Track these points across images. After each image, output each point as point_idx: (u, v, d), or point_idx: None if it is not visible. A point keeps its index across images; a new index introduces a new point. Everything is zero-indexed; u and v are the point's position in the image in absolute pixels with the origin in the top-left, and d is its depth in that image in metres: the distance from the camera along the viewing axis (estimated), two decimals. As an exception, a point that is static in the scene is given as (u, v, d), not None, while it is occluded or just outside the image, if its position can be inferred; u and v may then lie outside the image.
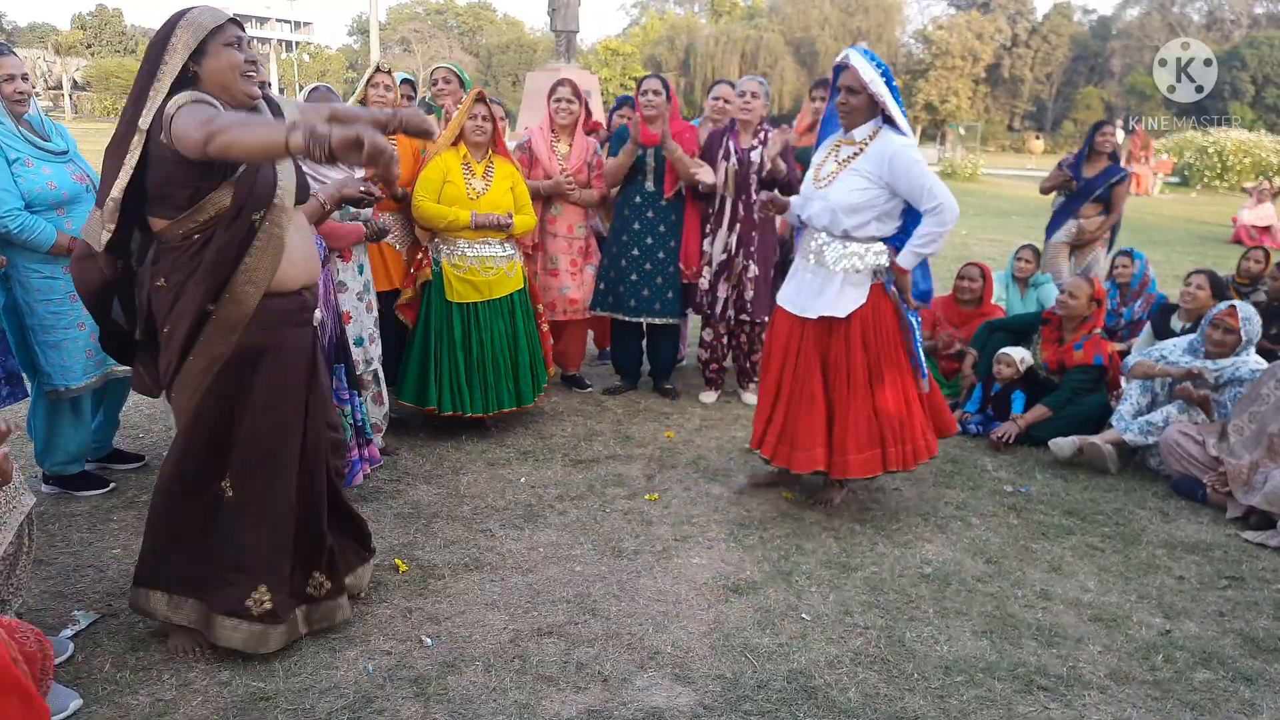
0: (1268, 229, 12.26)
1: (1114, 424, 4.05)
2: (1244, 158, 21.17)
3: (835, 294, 3.19)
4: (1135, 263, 5.32)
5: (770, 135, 4.30)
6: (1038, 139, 38.26)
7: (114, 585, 2.71)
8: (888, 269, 3.20)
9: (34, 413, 3.25)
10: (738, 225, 4.42)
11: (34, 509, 2.19)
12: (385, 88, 3.77)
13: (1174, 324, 4.63)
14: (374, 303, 3.67)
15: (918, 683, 2.39)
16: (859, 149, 3.16)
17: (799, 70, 40.44)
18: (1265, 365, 3.85)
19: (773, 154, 4.24)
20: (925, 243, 3.10)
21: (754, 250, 4.43)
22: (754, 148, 4.37)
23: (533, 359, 4.15)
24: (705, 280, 4.51)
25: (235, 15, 2.24)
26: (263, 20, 64.93)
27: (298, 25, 67.09)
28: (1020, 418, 4.24)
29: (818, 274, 3.26)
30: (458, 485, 3.57)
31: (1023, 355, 4.44)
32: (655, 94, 4.39)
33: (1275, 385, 3.63)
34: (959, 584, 2.93)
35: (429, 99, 4.74)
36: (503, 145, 4.00)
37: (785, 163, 4.31)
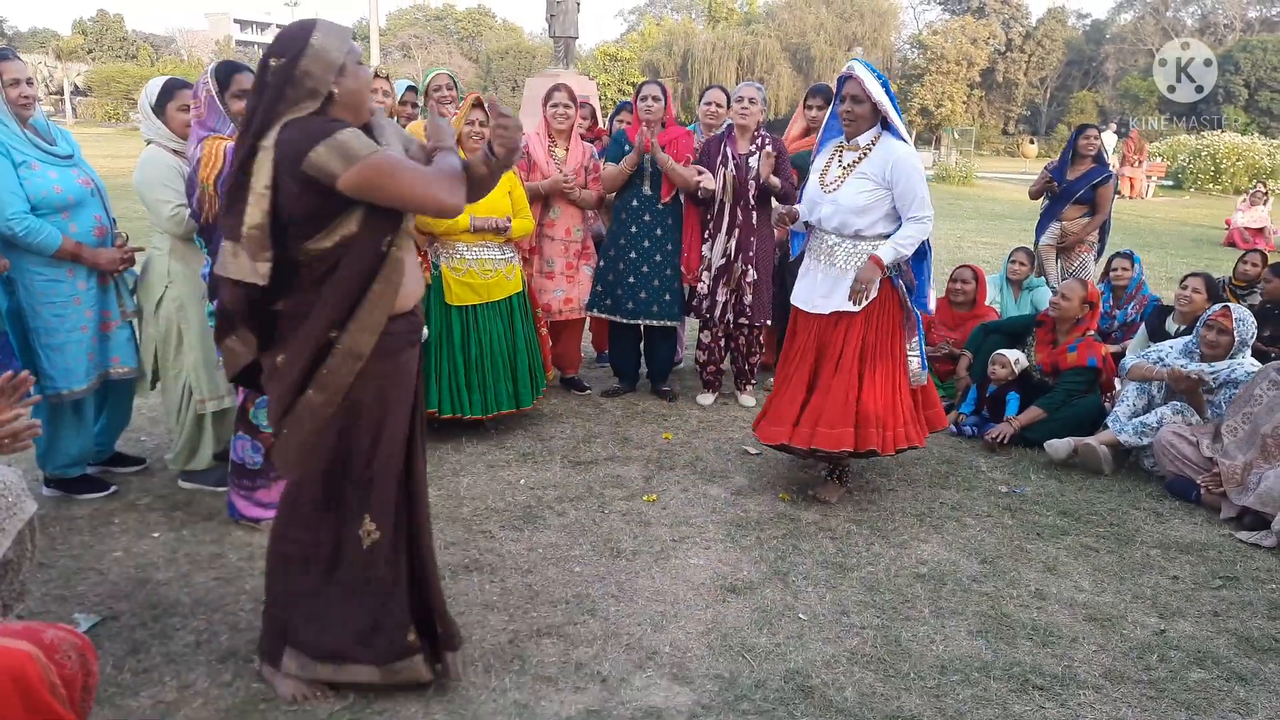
0: (1260, 231, 12.33)
1: (1109, 425, 4.07)
2: (1237, 161, 21.23)
3: (848, 290, 3.36)
4: (1135, 267, 5.34)
5: (759, 158, 4.33)
6: (1032, 143, 38.35)
7: (115, 588, 2.72)
8: (894, 265, 3.36)
9: (35, 416, 3.24)
10: (736, 230, 4.45)
11: (35, 514, 2.20)
12: (384, 93, 3.79)
13: (1169, 326, 4.65)
14: None
15: (914, 682, 2.41)
16: (863, 154, 3.35)
17: (795, 76, 40.48)
18: (1259, 365, 3.88)
19: (766, 176, 4.31)
20: (905, 244, 3.30)
21: (753, 255, 4.46)
22: (751, 153, 4.40)
23: (531, 362, 4.17)
24: (704, 284, 4.54)
25: (236, 19, 2.17)
26: (263, 26, 64.83)
27: (296, 30, 67.01)
28: (1015, 419, 4.26)
29: (829, 273, 3.43)
30: (457, 487, 3.59)
31: (1017, 357, 4.46)
32: (655, 100, 4.43)
33: (1269, 386, 3.66)
34: (954, 584, 2.95)
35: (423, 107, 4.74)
36: None
37: (781, 174, 4.38)
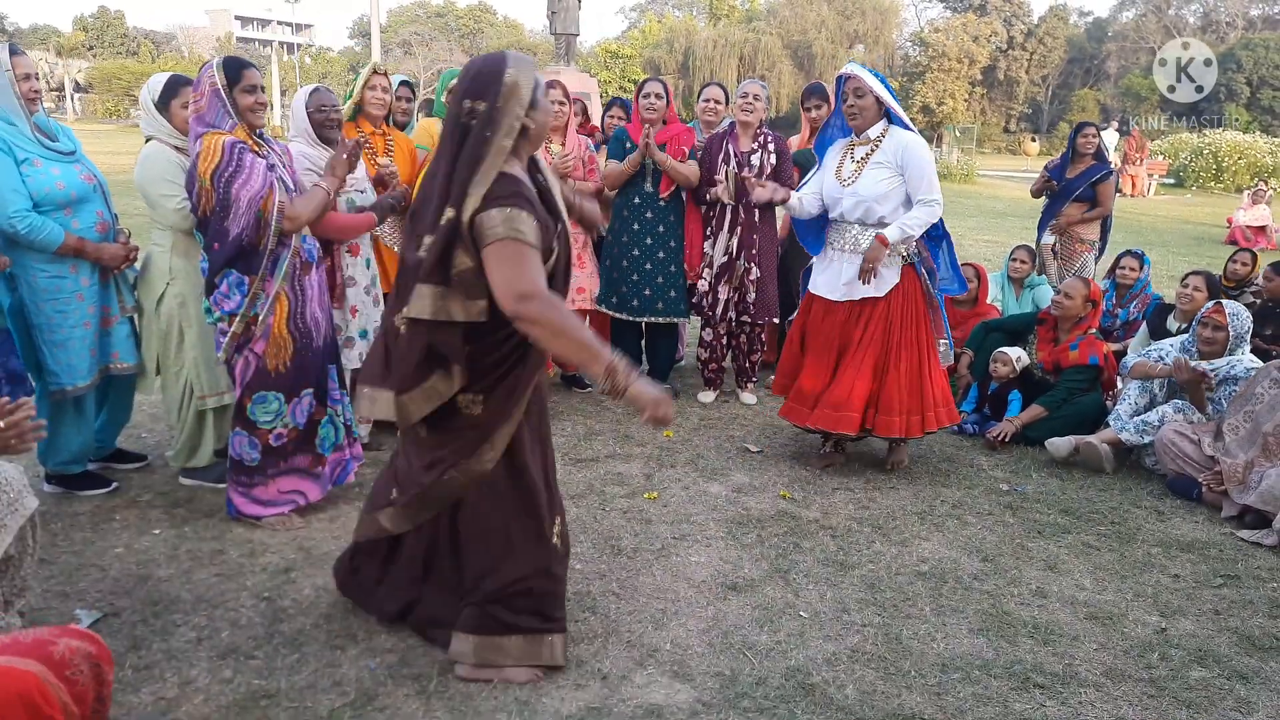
0: (1262, 229, 12.31)
1: (1110, 423, 4.07)
2: (1238, 159, 21.21)
3: (873, 277, 3.50)
4: (1144, 269, 5.31)
5: (758, 194, 4.15)
6: (1033, 141, 38.30)
7: (116, 584, 2.73)
8: (916, 251, 3.55)
9: (37, 413, 3.24)
10: (739, 228, 4.44)
11: (37, 510, 2.20)
12: (382, 90, 3.80)
13: (1170, 324, 4.65)
14: (380, 296, 3.69)
15: (915, 680, 2.41)
16: (874, 145, 3.51)
17: (796, 73, 40.44)
18: (1259, 363, 3.87)
19: (767, 196, 4.18)
20: (913, 225, 3.45)
21: (755, 253, 4.46)
22: (754, 151, 4.40)
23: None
24: (706, 281, 4.54)
25: (237, 16, 2.14)
26: (264, 23, 64.88)
27: (299, 28, 67.00)
28: (1016, 417, 4.26)
29: (853, 262, 3.58)
30: (457, 485, 3.58)
31: (1019, 355, 4.46)
32: (657, 97, 4.43)
33: (1270, 385, 3.66)
34: (955, 582, 2.95)
35: (433, 100, 4.73)
36: None
37: (782, 173, 4.39)
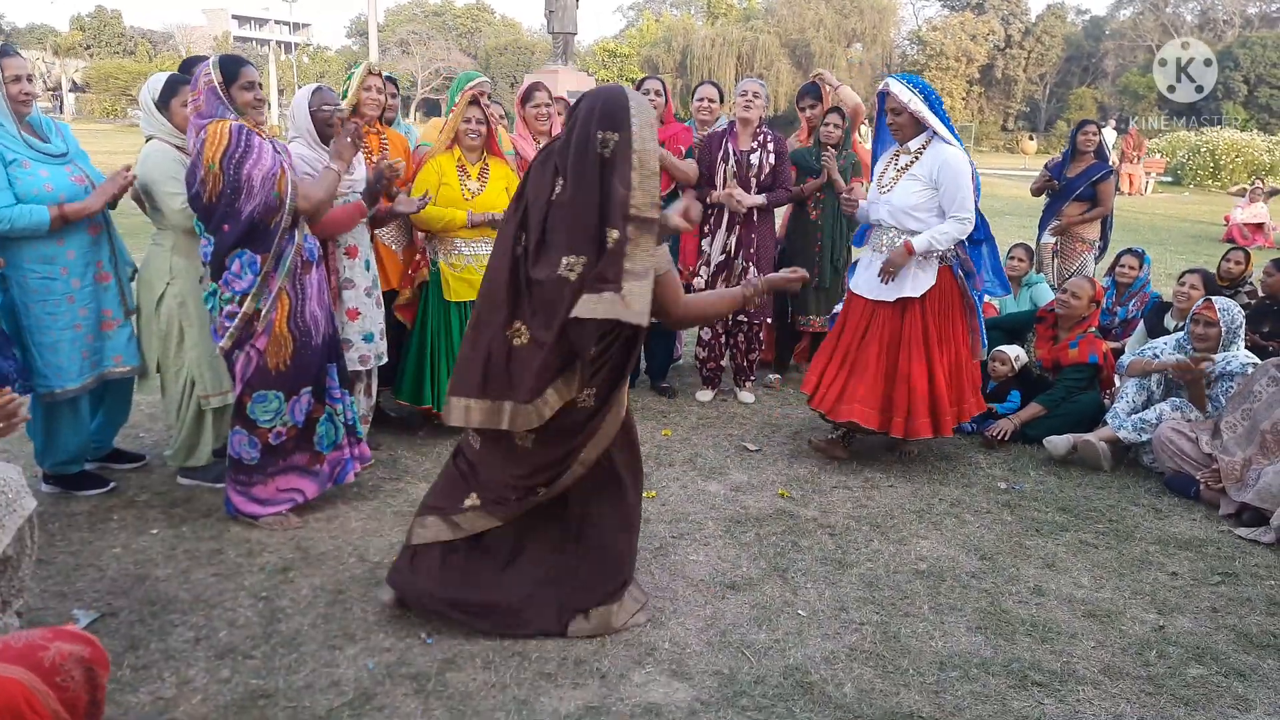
0: (1260, 227, 12.33)
1: (1109, 421, 4.07)
2: (1236, 157, 21.23)
3: (910, 279, 3.66)
4: (1144, 267, 5.31)
5: (744, 202, 4.34)
6: (1031, 139, 38.35)
7: (114, 584, 2.72)
8: (954, 253, 3.66)
9: (32, 413, 3.24)
10: (737, 227, 4.44)
11: (35, 511, 2.19)
12: (377, 90, 3.82)
13: (1167, 323, 4.66)
14: (381, 298, 3.69)
15: (913, 678, 2.41)
16: (914, 157, 3.65)
17: (794, 72, 40.41)
18: (1256, 360, 3.88)
19: (750, 203, 4.37)
20: (940, 240, 3.58)
21: (753, 252, 4.45)
22: (753, 150, 4.39)
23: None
24: (702, 280, 4.53)
25: (234, 15, 2.17)
26: (261, 22, 64.80)
27: (296, 27, 66.89)
28: (1015, 415, 4.27)
29: None
30: (456, 484, 3.58)
31: (1017, 353, 4.46)
32: (656, 95, 4.43)
33: (1268, 383, 3.66)
34: (954, 580, 2.95)
35: (433, 99, 4.70)
36: (497, 147, 4.01)
37: (780, 172, 4.41)
